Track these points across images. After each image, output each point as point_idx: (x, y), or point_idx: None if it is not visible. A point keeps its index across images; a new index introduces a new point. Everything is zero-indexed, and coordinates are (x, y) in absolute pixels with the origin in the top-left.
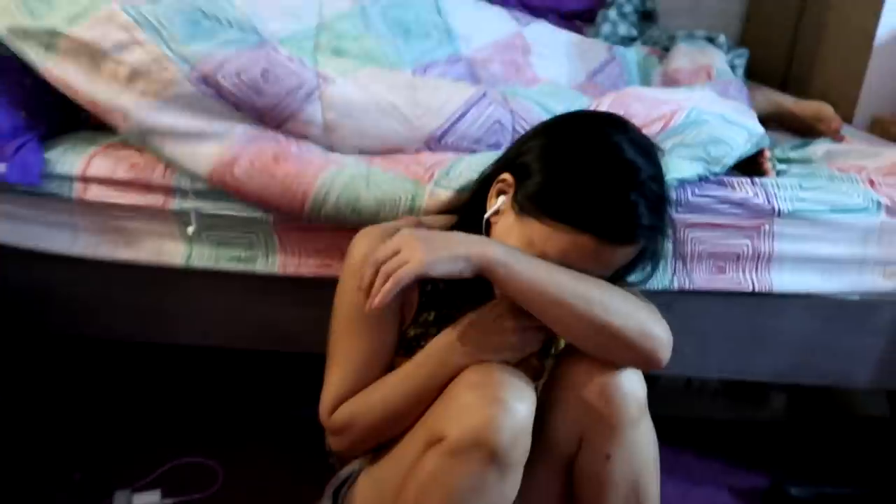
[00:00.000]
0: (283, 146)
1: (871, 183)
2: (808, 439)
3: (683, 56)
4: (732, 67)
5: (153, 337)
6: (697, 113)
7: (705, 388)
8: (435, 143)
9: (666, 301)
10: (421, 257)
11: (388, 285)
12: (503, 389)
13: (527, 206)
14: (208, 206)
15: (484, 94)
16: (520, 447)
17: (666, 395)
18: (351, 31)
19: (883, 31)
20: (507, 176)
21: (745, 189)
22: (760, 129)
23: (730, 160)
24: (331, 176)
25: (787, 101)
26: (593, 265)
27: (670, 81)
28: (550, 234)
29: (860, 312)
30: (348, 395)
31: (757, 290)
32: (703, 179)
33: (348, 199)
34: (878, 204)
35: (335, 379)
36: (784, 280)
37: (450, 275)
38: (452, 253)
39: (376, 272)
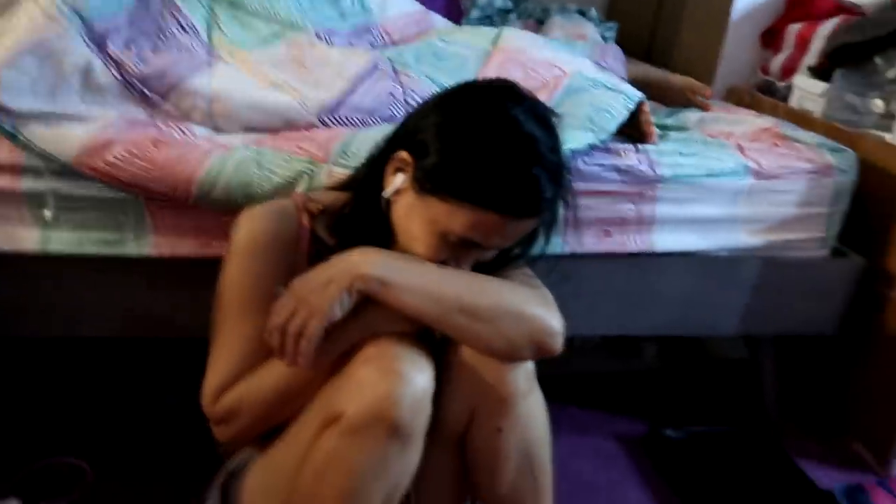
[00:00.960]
0: (165, 132)
1: (740, 148)
2: (679, 384)
3: (558, 29)
4: (604, 39)
5: (11, 331)
6: (580, 80)
7: (585, 345)
8: (328, 116)
9: (560, 267)
10: (319, 310)
11: (303, 345)
12: (400, 362)
13: (427, 185)
14: (68, 187)
15: (375, 66)
16: (421, 417)
17: None
18: None
19: (738, 7)
20: (404, 154)
21: (630, 156)
22: (638, 94)
23: (612, 126)
24: (219, 160)
25: (652, 70)
26: (497, 239)
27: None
28: (453, 211)
29: (728, 268)
30: (234, 380)
31: (641, 250)
32: (591, 148)
33: (240, 183)
34: (747, 168)
35: (220, 363)
36: (665, 241)
37: (348, 309)
38: (339, 288)
39: (283, 336)
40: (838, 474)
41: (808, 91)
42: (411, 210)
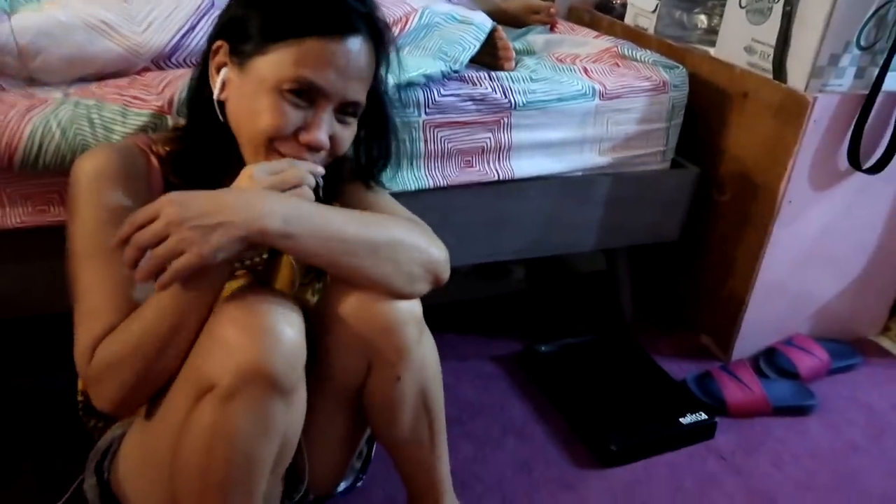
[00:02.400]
0: None
1: (586, 71)
2: (547, 302)
3: None
4: None
5: None
6: (430, 14)
7: (456, 272)
8: (164, 61)
9: (425, 201)
10: (198, 251)
11: (165, 278)
12: (267, 316)
13: (245, 49)
14: None
15: (213, 3)
16: (298, 368)
17: None
18: None
19: None
20: (218, 42)
21: (484, 84)
22: (489, 23)
23: (464, 56)
24: (41, 119)
25: (497, 1)
26: (334, 76)
27: None
28: (278, 61)
29: (582, 187)
30: (108, 330)
31: (501, 178)
32: (446, 77)
33: (72, 146)
34: (594, 90)
35: (89, 317)
36: (522, 166)
37: (230, 258)
38: (229, 236)
39: (139, 252)
40: (690, 365)
41: (640, 8)
42: (241, 94)
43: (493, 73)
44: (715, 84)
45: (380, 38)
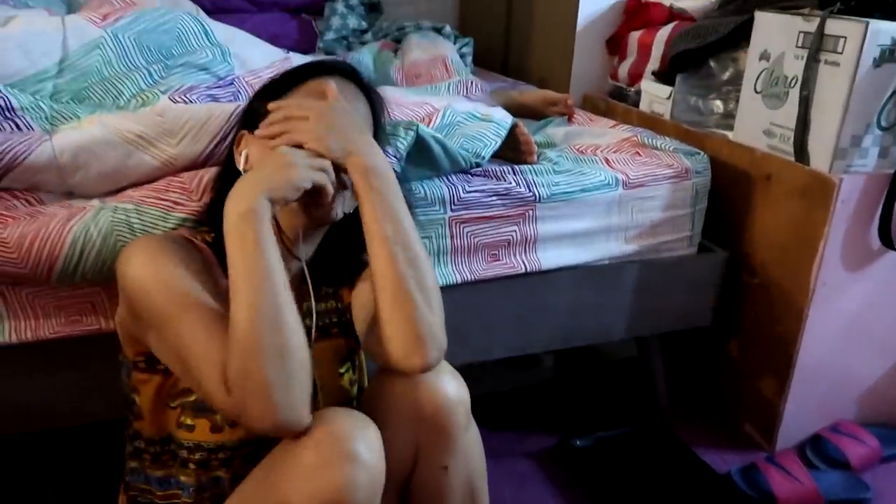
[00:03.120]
0: (7, 205)
1: (607, 161)
2: (579, 391)
3: (417, 48)
4: (462, 56)
5: None
6: (452, 113)
7: (485, 365)
8: (199, 167)
9: (454, 297)
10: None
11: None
12: (350, 442)
13: (260, 116)
14: None
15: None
16: (377, 496)
17: None
18: (97, 66)
19: (581, 17)
20: (240, 132)
21: (508, 178)
22: (509, 119)
23: (487, 152)
24: (81, 228)
25: (515, 94)
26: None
27: (411, 75)
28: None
29: (610, 276)
30: (225, 356)
31: (528, 270)
32: (467, 171)
33: (113, 252)
34: (617, 180)
35: (205, 361)
36: (549, 257)
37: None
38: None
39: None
40: (732, 456)
41: (655, 95)
42: (262, 151)
43: (516, 167)
44: (737, 167)
45: (369, 91)
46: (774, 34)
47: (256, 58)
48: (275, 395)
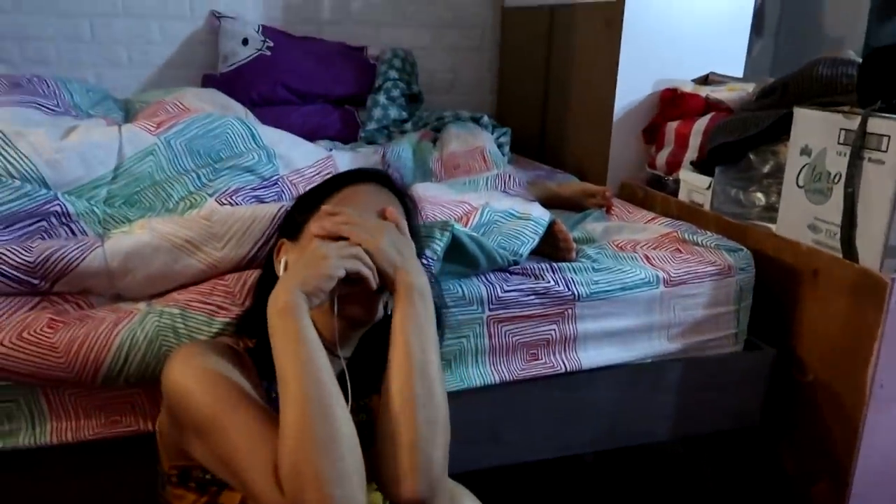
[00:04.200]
0: (58, 309)
1: (647, 259)
2: (621, 483)
3: (455, 139)
4: (500, 146)
5: None
6: (490, 212)
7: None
8: (243, 269)
9: (492, 396)
10: (375, 256)
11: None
12: None
13: (297, 222)
14: None
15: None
16: None
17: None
18: (150, 171)
19: (618, 107)
20: (280, 241)
21: (547, 277)
22: (547, 216)
23: (523, 251)
24: (127, 332)
25: (553, 187)
26: (373, 215)
27: (449, 166)
28: (320, 217)
29: (653, 375)
30: (276, 456)
31: (568, 370)
32: (505, 270)
33: (158, 356)
34: (657, 278)
35: (255, 460)
36: (590, 356)
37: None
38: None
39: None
40: None
41: (694, 185)
42: (304, 252)
43: (555, 265)
44: (782, 261)
45: (403, 196)
46: (815, 130)
47: (300, 158)
48: (329, 487)
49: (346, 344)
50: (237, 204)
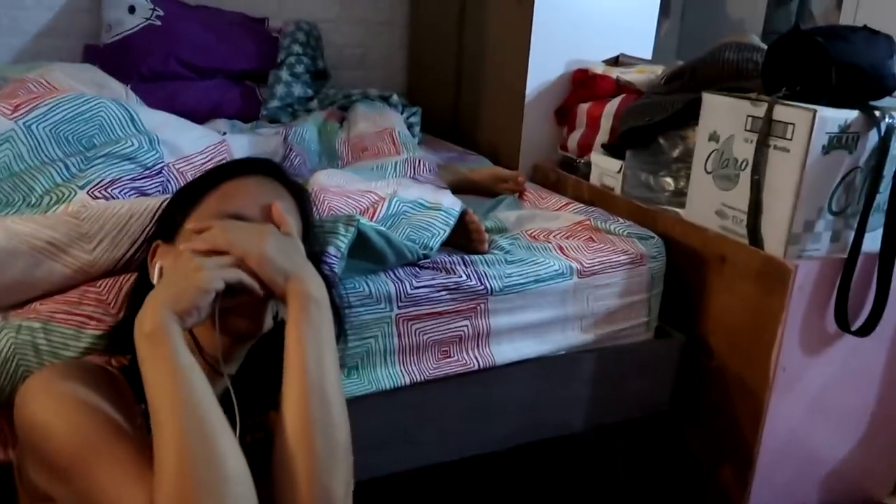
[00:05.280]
0: None
1: (561, 249)
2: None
3: (363, 119)
4: (410, 126)
5: None
6: (398, 202)
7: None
8: (119, 273)
9: (402, 398)
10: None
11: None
12: None
13: (175, 221)
14: None
15: None
16: None
17: None
18: (6, 161)
19: (530, 87)
20: (155, 243)
21: (458, 271)
22: (458, 206)
23: (435, 243)
24: None
25: (465, 171)
26: (254, 201)
27: (357, 149)
28: (200, 215)
29: (567, 367)
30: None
31: (481, 366)
32: (415, 264)
33: (13, 378)
34: (571, 269)
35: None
36: (503, 351)
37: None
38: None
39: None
40: None
41: (605, 168)
42: (177, 262)
43: (466, 258)
44: (690, 247)
45: (294, 188)
46: (723, 116)
47: (188, 143)
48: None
49: (231, 359)
50: (113, 197)
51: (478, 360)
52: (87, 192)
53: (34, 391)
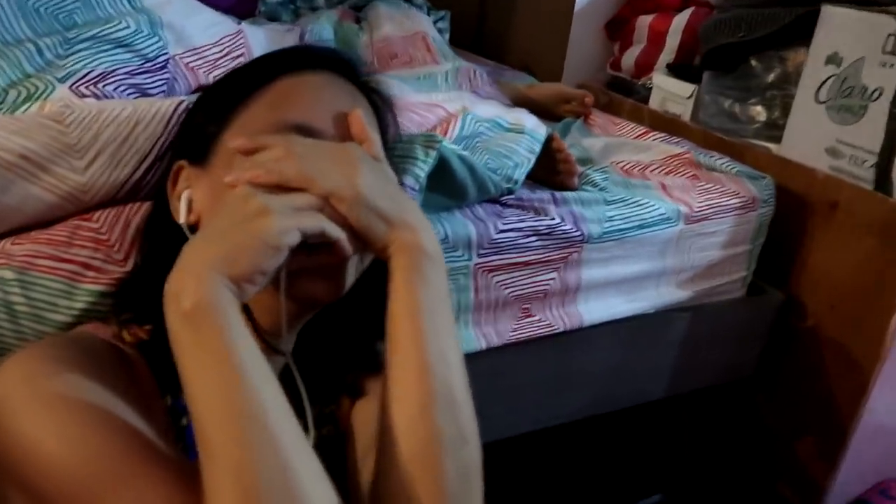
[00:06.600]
0: None
1: (664, 188)
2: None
3: (388, 21)
4: (439, 33)
5: None
6: (473, 121)
7: None
8: (121, 201)
9: (473, 367)
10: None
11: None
12: None
13: (204, 138)
14: None
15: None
16: None
17: None
18: None
19: None
20: (177, 164)
21: (551, 212)
22: (543, 129)
23: (520, 175)
24: None
25: (521, 87)
26: (331, 125)
27: (385, 55)
28: (246, 123)
29: (655, 328)
30: None
31: (567, 327)
32: (497, 201)
33: None
34: (679, 213)
35: None
36: (592, 310)
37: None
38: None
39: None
40: None
41: (671, 92)
42: (215, 193)
43: (557, 195)
44: (790, 191)
45: (372, 93)
46: (850, 35)
47: (198, 31)
48: None
49: (291, 331)
50: (107, 96)
51: (563, 320)
52: (70, 88)
53: (11, 388)
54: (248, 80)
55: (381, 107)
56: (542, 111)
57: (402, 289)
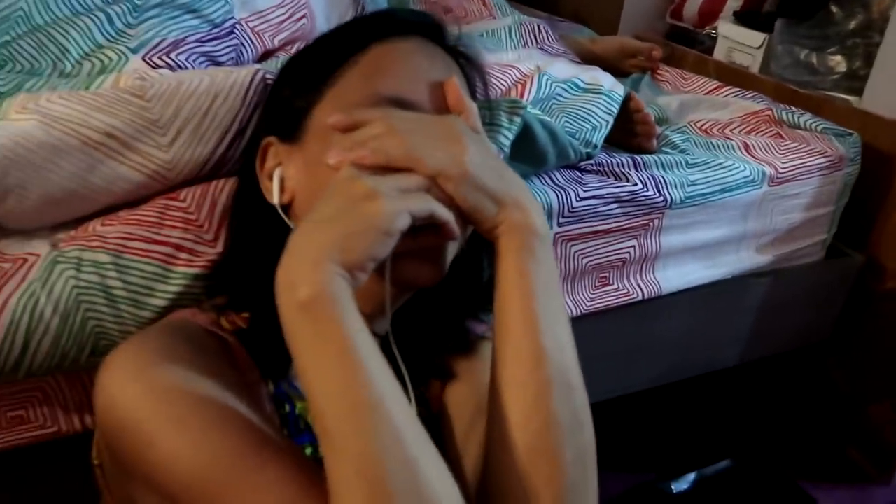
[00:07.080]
0: None
1: (747, 148)
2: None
3: None
4: None
5: None
6: (549, 82)
7: None
8: (201, 172)
9: None
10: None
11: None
12: None
13: (292, 113)
14: None
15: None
16: None
17: None
18: (24, 10)
19: None
20: (266, 140)
21: (632, 177)
22: (620, 89)
23: (598, 138)
24: (26, 297)
25: (585, 42)
26: (427, 96)
27: (437, 9)
28: (339, 96)
29: (733, 294)
30: None
31: (645, 296)
32: (576, 167)
33: (80, 336)
34: (763, 174)
35: None
36: (670, 277)
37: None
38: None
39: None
40: (839, 491)
41: (739, 42)
42: (310, 171)
43: (637, 159)
44: (874, 147)
45: (463, 59)
46: None
47: None
48: None
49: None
50: (179, 66)
51: (641, 289)
52: (144, 59)
53: (123, 380)
54: (338, 50)
55: (470, 71)
56: (607, 67)
57: (514, 271)
